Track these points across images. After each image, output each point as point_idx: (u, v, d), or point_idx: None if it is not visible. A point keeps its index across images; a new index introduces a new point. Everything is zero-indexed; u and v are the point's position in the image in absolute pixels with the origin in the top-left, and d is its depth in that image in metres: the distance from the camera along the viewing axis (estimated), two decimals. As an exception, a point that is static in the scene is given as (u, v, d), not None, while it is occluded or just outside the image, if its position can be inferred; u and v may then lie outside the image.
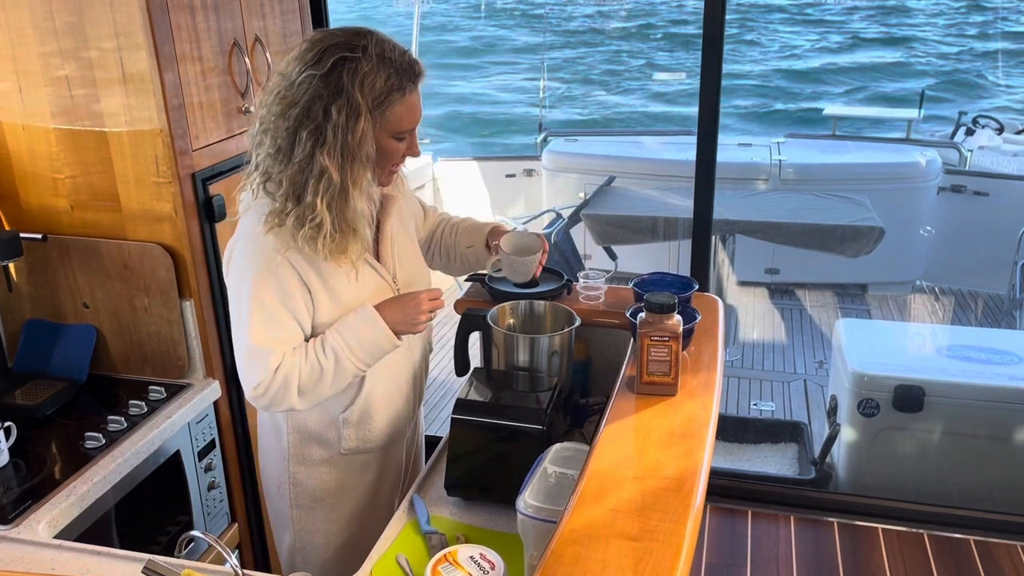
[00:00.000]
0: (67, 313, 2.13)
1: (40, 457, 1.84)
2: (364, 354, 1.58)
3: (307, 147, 1.44)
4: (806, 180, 5.73)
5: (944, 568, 2.71)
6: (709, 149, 2.70)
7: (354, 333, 1.56)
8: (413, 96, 1.51)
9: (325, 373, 1.55)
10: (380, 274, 1.65)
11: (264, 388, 1.53)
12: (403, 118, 1.50)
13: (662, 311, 1.48)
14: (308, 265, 1.54)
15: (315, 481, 1.75)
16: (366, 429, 1.72)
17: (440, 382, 4.45)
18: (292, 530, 1.79)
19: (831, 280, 5.85)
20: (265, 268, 1.51)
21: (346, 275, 1.58)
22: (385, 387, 1.72)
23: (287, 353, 1.53)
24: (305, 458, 1.74)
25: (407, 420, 1.81)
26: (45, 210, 2.06)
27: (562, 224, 5.26)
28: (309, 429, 1.72)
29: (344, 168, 1.46)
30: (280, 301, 1.52)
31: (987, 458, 3.16)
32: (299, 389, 1.54)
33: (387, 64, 1.46)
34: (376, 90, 1.45)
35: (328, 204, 1.46)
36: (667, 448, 1.38)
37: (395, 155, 1.55)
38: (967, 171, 6.09)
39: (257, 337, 1.51)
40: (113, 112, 1.92)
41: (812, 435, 3.93)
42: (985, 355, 3.35)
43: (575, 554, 1.12)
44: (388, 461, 1.81)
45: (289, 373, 1.53)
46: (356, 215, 1.50)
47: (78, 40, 1.88)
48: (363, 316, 1.57)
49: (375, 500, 1.81)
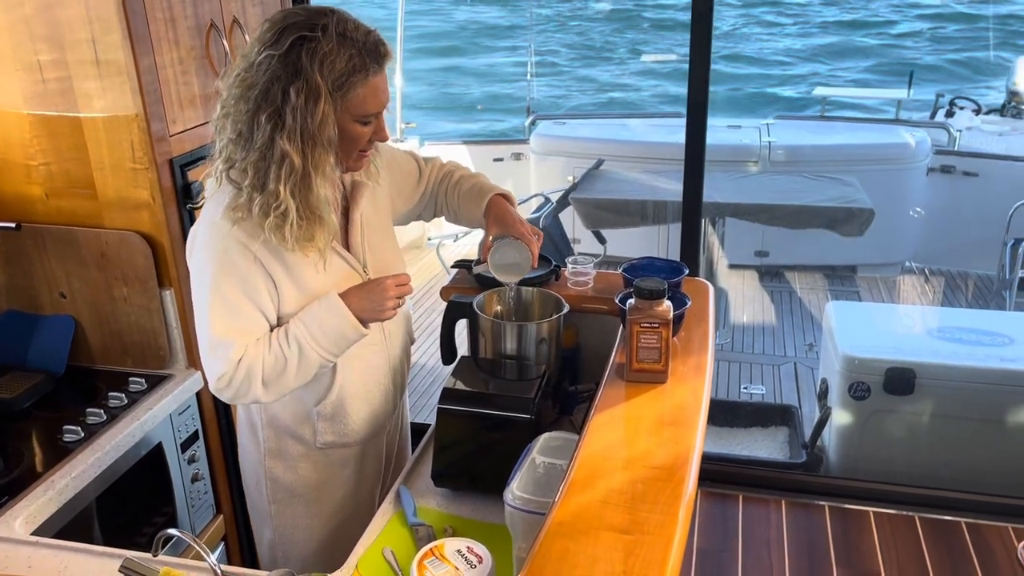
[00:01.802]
0: (44, 303, 2.08)
1: (17, 451, 1.80)
2: (329, 343, 1.52)
3: (266, 131, 1.39)
4: (796, 162, 5.71)
5: (935, 550, 2.71)
6: (698, 131, 2.66)
7: (318, 322, 1.52)
8: (378, 78, 1.44)
9: (289, 364, 1.51)
10: (349, 263, 1.60)
11: (227, 380, 1.49)
12: (367, 101, 1.44)
13: (652, 297, 1.45)
14: (272, 256, 1.49)
15: (292, 476, 1.71)
16: (342, 423, 1.68)
17: (428, 369, 4.42)
18: (271, 525, 1.76)
19: (821, 262, 5.84)
20: (226, 259, 1.47)
21: (313, 265, 1.53)
22: (360, 379, 1.67)
23: (250, 344, 1.50)
24: (281, 453, 1.70)
25: (387, 413, 1.76)
26: (19, 198, 2.00)
27: (550, 208, 5.22)
28: (284, 424, 1.68)
29: (305, 152, 1.40)
30: (242, 292, 1.48)
31: (978, 440, 3.15)
32: (263, 380, 1.50)
33: (349, 44, 1.39)
34: (336, 71, 1.38)
35: (292, 191, 1.41)
36: (657, 436, 1.35)
37: (361, 140, 1.49)
38: (956, 151, 6.08)
39: (218, 328, 1.48)
40: (87, 97, 1.87)
41: (803, 419, 3.92)
42: (975, 336, 3.34)
43: (563, 548, 1.09)
44: (368, 455, 1.77)
45: (252, 364, 1.49)
46: (320, 201, 1.44)
47: (50, 24, 1.83)
48: (327, 304, 1.52)
49: (356, 494, 1.77)
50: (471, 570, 1.19)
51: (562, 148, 6.16)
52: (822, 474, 3.38)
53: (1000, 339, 3.31)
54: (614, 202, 5.17)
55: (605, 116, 10.33)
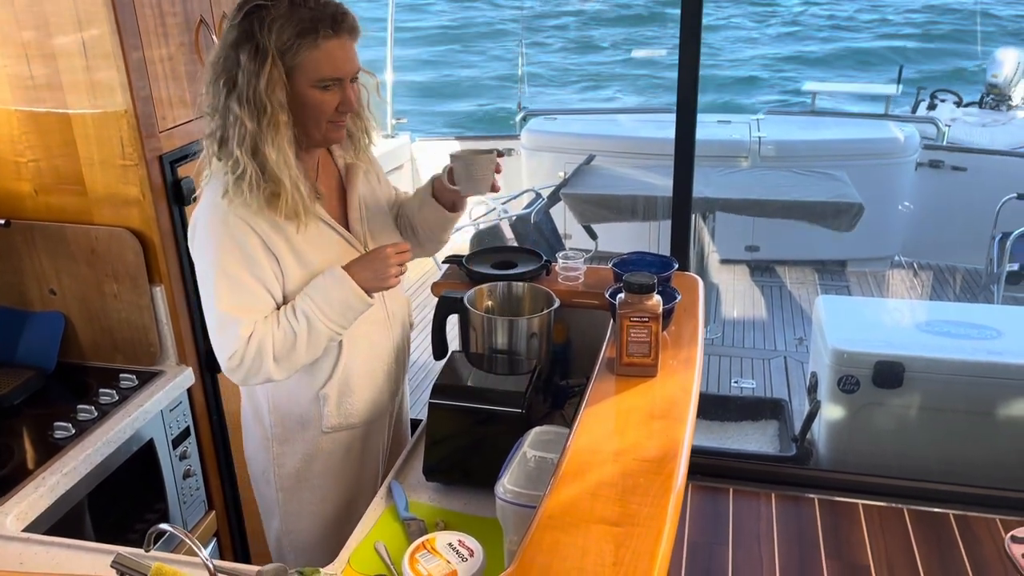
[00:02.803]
0: (33, 300, 2.08)
1: (8, 448, 1.79)
2: (336, 315, 1.55)
3: (223, 96, 1.45)
4: (786, 157, 5.72)
5: (924, 542, 2.73)
6: (688, 126, 2.67)
7: (324, 295, 1.54)
8: (331, 43, 1.46)
9: (299, 338, 1.53)
10: (351, 243, 1.64)
11: (239, 358, 1.51)
12: (320, 65, 1.46)
13: (641, 291, 1.46)
14: (275, 233, 1.52)
15: (299, 462, 1.73)
16: (347, 404, 1.70)
17: (420, 364, 4.42)
18: (279, 514, 1.77)
19: (811, 256, 5.86)
20: (228, 238, 1.49)
21: (314, 243, 1.56)
22: (365, 359, 1.70)
23: (259, 322, 1.51)
24: (287, 439, 1.72)
25: (391, 394, 1.80)
26: (8, 194, 2.00)
27: (542, 204, 5.22)
28: (289, 408, 1.69)
29: (256, 115, 1.44)
30: (246, 269, 1.50)
31: (966, 433, 3.18)
32: (274, 356, 1.52)
33: (300, 10, 1.44)
34: (285, 35, 1.43)
35: (250, 153, 1.45)
36: (647, 429, 1.36)
37: (324, 107, 1.51)
38: (945, 146, 6.11)
39: (225, 306, 1.50)
40: (76, 93, 1.87)
41: (792, 412, 3.94)
42: (964, 330, 3.36)
43: (554, 540, 1.10)
44: (371, 438, 1.79)
45: (263, 341, 1.51)
46: (277, 166, 1.46)
47: (38, 19, 1.82)
48: (332, 277, 1.55)
49: (360, 480, 1.79)
50: (463, 563, 1.19)
51: (553, 144, 6.15)
52: (812, 467, 3.40)
53: (988, 332, 3.33)
54: (605, 197, 5.18)
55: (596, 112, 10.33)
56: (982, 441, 3.16)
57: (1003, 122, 6.81)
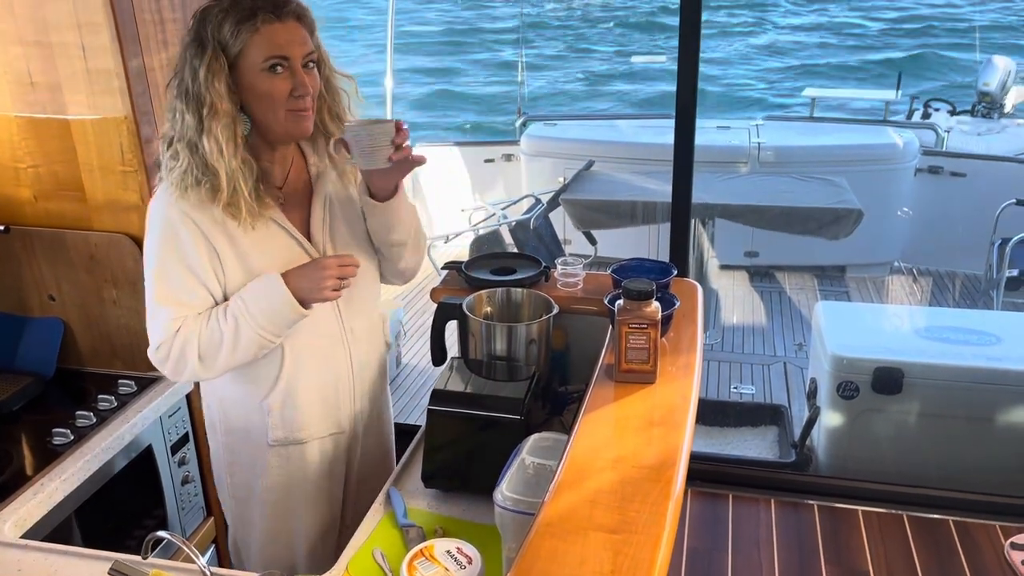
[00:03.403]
0: (32, 306, 2.08)
1: (6, 454, 1.79)
2: (265, 320, 1.50)
3: (172, 94, 1.48)
4: (785, 163, 5.73)
5: (924, 548, 2.72)
6: (687, 132, 2.67)
7: (255, 298, 1.51)
8: (273, 26, 1.45)
9: (225, 339, 1.50)
10: (307, 251, 1.59)
11: (166, 351, 1.51)
12: (261, 46, 1.45)
13: (640, 298, 1.46)
14: (217, 229, 1.51)
15: (247, 475, 1.70)
16: (292, 418, 1.64)
17: (419, 370, 4.42)
18: (231, 523, 1.77)
19: (810, 262, 5.86)
20: (169, 230, 1.50)
21: (262, 244, 1.54)
22: (313, 373, 1.64)
23: (190, 317, 1.51)
24: (235, 449, 1.70)
25: (347, 414, 1.72)
26: (7, 200, 2.00)
27: (541, 209, 5.23)
28: (236, 419, 1.67)
29: (196, 108, 1.44)
30: (182, 262, 1.50)
31: (966, 439, 3.17)
32: (199, 354, 1.51)
33: (241, 3, 1.45)
34: (226, 26, 1.44)
35: (189, 146, 1.45)
36: (646, 436, 1.36)
37: (276, 93, 1.47)
38: (944, 152, 6.12)
39: (158, 296, 1.51)
40: (76, 100, 1.87)
41: (792, 418, 3.93)
42: (963, 336, 3.36)
43: (552, 548, 1.10)
44: (326, 456, 1.72)
45: (189, 335, 1.50)
46: (213, 157, 1.44)
47: (38, 26, 1.83)
48: (266, 281, 1.51)
49: (313, 497, 1.73)
50: (461, 571, 1.19)
51: (553, 149, 6.17)
52: (811, 473, 3.39)
53: (987, 338, 3.33)
54: (604, 203, 5.19)
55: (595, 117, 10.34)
56: (982, 447, 3.16)
57: (996, 131, 6.82)
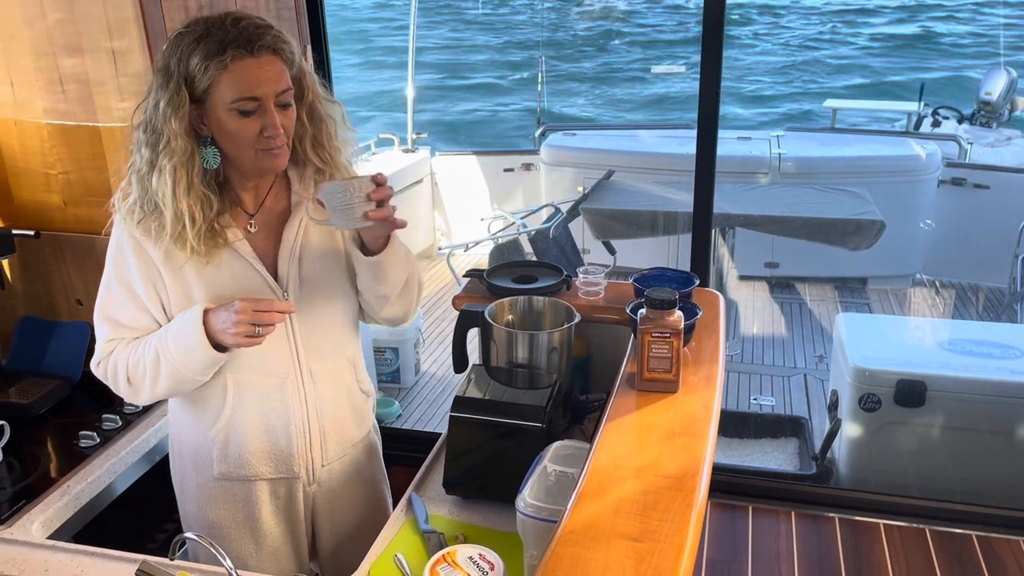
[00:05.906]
0: (61, 311, 2.11)
1: (34, 456, 1.82)
2: (179, 355, 1.46)
3: (136, 118, 1.45)
4: (806, 173, 5.70)
5: (946, 563, 2.70)
6: (709, 142, 2.67)
7: (175, 333, 1.47)
8: (243, 63, 1.37)
9: (147, 370, 1.49)
10: (269, 284, 1.53)
11: (103, 371, 1.55)
12: (230, 86, 1.37)
13: (663, 307, 1.46)
14: (166, 258, 1.48)
15: (194, 507, 1.67)
16: (236, 454, 1.60)
17: (439, 378, 4.43)
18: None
19: (831, 274, 5.83)
20: (119, 253, 1.52)
21: (211, 275, 1.49)
22: (258, 412, 1.58)
23: (124, 340, 1.54)
24: (185, 476, 1.67)
25: (299, 461, 1.63)
26: (38, 206, 2.03)
27: (561, 219, 5.24)
28: (186, 449, 1.65)
29: (153, 142, 1.41)
30: (125, 286, 1.52)
31: (989, 453, 3.14)
32: (127, 378, 1.52)
33: (212, 36, 1.37)
34: (194, 60, 1.37)
35: (140, 179, 1.44)
36: (668, 446, 1.36)
37: (245, 134, 1.41)
38: (967, 164, 6.07)
39: (101, 313, 1.55)
40: (106, 107, 1.90)
41: (813, 430, 3.91)
42: (986, 349, 3.33)
43: (575, 555, 1.10)
44: (279, 499, 1.66)
45: (119, 359, 1.53)
46: (159, 195, 1.41)
47: (70, 35, 1.86)
48: (188, 314, 1.46)
49: (263, 539, 1.67)
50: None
51: (572, 159, 6.17)
52: (832, 486, 3.37)
53: (1011, 352, 3.30)
54: (624, 213, 5.18)
55: (615, 127, 10.34)
56: (1005, 461, 3.12)
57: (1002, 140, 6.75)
